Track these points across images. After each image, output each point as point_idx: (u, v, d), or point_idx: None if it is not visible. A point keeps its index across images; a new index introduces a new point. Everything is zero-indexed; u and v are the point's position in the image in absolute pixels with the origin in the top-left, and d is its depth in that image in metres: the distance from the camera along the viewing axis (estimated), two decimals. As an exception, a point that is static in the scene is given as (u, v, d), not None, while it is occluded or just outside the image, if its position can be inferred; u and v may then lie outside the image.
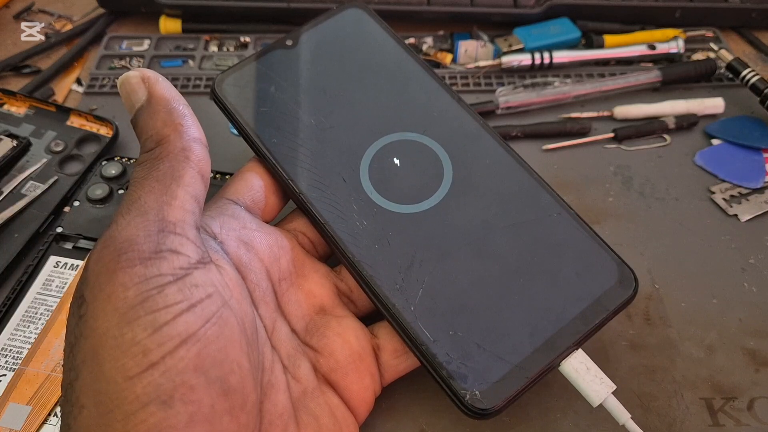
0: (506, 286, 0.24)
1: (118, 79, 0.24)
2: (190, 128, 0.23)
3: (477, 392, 0.22)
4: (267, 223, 0.26)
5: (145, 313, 0.18)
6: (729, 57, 0.37)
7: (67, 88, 0.39)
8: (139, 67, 0.40)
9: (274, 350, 0.23)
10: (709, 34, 0.42)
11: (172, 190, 0.21)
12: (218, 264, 0.22)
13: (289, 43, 0.29)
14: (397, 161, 0.27)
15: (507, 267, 0.24)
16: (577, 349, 0.23)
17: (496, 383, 0.22)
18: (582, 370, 0.23)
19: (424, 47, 0.41)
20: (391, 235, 0.25)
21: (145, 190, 0.21)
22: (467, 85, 0.39)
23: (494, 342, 0.23)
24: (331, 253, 0.27)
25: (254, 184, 0.26)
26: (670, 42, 0.40)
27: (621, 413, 0.23)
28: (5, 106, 0.36)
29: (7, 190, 0.32)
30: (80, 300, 0.19)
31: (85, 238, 0.30)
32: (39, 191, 0.32)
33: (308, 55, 0.29)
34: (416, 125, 0.28)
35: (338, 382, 0.23)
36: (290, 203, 0.28)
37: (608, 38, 0.40)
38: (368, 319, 0.26)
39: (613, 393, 0.23)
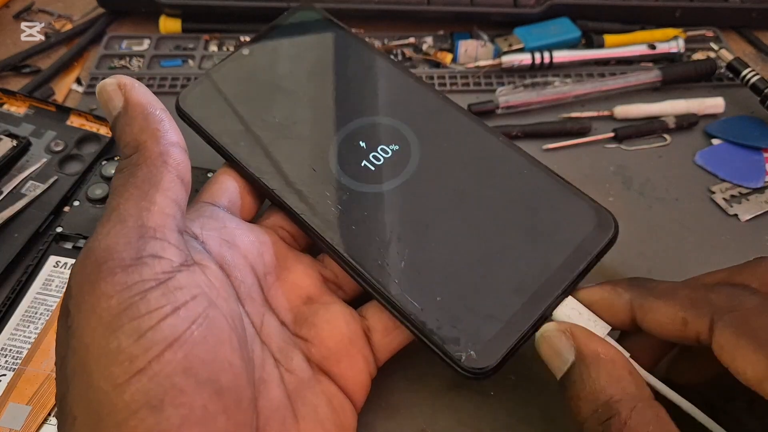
0: (486, 247, 0.24)
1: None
2: (167, 133, 0.23)
3: (472, 352, 0.22)
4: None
5: (129, 320, 0.18)
6: (729, 57, 0.37)
7: (67, 88, 0.39)
8: (138, 67, 0.40)
9: (264, 345, 0.23)
10: (709, 33, 0.42)
11: (150, 195, 0.21)
12: (202, 264, 0.22)
13: (245, 52, 0.31)
14: (363, 144, 0.27)
15: (485, 228, 0.25)
16: (566, 296, 0.23)
17: (489, 341, 0.22)
18: (574, 316, 0.23)
19: (424, 47, 0.41)
20: (366, 215, 0.25)
21: (123, 198, 0.21)
22: (467, 84, 0.39)
23: (482, 301, 0.23)
24: (312, 244, 0.27)
25: (229, 186, 0.27)
26: (670, 42, 0.40)
27: (621, 352, 0.22)
28: (5, 106, 0.36)
29: (6, 190, 0.32)
30: (66, 313, 0.19)
31: (85, 237, 0.30)
32: (39, 191, 0.32)
33: (266, 60, 0.30)
34: (377, 109, 0.28)
35: (332, 369, 0.24)
36: (267, 202, 0.28)
37: (608, 38, 0.40)
38: (356, 302, 0.26)
39: (608, 334, 0.22)
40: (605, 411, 0.19)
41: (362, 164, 0.27)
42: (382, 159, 0.27)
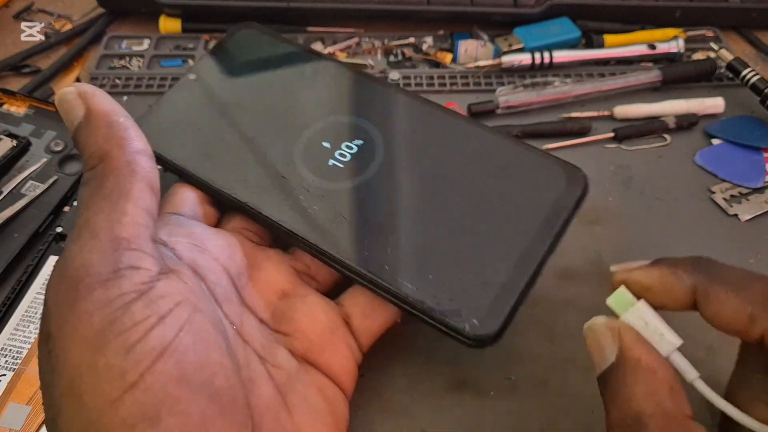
0: (467, 220, 0.25)
1: (56, 95, 0.23)
2: (133, 141, 0.22)
3: (474, 320, 0.22)
4: None
5: (114, 335, 0.18)
6: (729, 57, 0.37)
7: (66, 88, 0.39)
8: (138, 67, 0.40)
9: (246, 344, 0.23)
10: (709, 33, 0.42)
11: (121, 206, 0.21)
12: (177, 270, 0.21)
13: (192, 77, 0.31)
14: (326, 144, 0.28)
15: (461, 202, 0.25)
16: (552, 253, 0.24)
17: (489, 307, 0.23)
18: (640, 326, 0.21)
19: (424, 47, 0.41)
20: (344, 211, 0.26)
21: (92, 211, 0.20)
22: (467, 84, 0.39)
23: (473, 272, 0.24)
24: (279, 238, 0.27)
25: (188, 197, 0.26)
26: (670, 42, 0.40)
27: (689, 371, 0.20)
28: (5, 106, 0.36)
29: (6, 190, 0.32)
30: (46, 335, 0.19)
31: (85, 238, 0.30)
32: (39, 191, 0.32)
33: (215, 82, 0.31)
34: (331, 109, 0.29)
35: (317, 360, 0.23)
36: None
37: (608, 38, 0.40)
38: (332, 293, 0.26)
39: (678, 349, 0.21)
40: (634, 423, 0.18)
41: (330, 163, 0.27)
42: (348, 155, 0.27)
